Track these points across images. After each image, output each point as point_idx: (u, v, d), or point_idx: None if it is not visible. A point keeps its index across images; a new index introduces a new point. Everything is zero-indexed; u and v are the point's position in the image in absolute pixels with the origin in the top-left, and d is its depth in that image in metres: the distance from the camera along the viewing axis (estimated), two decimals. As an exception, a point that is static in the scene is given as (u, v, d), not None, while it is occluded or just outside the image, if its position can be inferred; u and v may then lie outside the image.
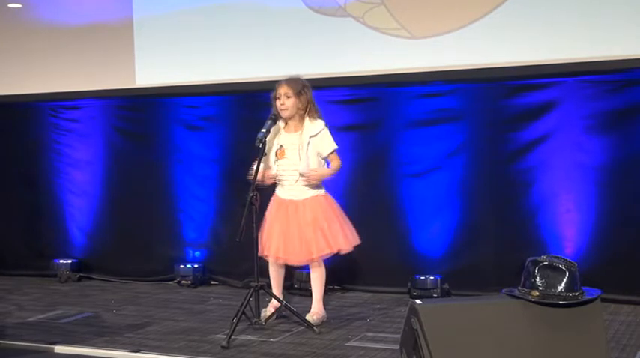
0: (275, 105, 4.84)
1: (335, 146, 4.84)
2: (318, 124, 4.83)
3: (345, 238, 4.84)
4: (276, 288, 4.95)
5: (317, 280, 4.89)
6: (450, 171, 5.60)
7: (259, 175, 4.72)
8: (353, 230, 4.91)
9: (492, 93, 5.48)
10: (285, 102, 4.80)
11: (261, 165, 4.73)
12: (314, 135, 4.79)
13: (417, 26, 5.42)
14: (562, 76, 5.21)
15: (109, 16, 6.34)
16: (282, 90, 4.81)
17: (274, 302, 4.91)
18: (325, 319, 4.90)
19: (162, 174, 6.47)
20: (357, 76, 5.60)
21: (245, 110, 6.07)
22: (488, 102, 5.50)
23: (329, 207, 4.85)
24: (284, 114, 4.83)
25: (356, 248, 5.78)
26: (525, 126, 5.39)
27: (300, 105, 4.81)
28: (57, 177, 6.84)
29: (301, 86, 4.82)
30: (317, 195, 4.83)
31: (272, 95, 4.87)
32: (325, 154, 4.83)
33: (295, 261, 4.87)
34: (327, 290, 5.81)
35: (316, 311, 4.87)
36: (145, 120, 6.58)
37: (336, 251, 4.83)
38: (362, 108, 5.85)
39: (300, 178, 4.78)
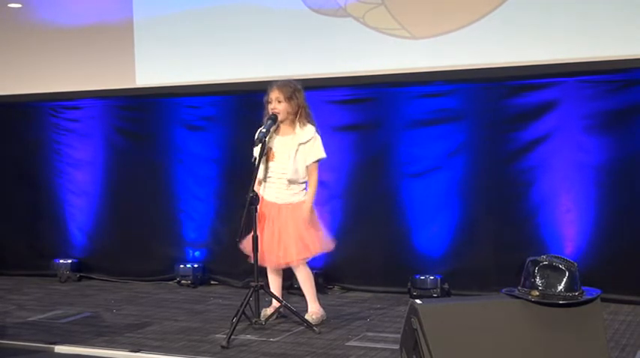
0: (267, 108, 4.87)
1: (321, 155, 4.83)
2: (308, 131, 4.82)
3: (320, 243, 4.87)
4: (275, 292, 4.95)
5: (305, 281, 4.90)
6: (450, 171, 5.60)
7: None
8: (326, 235, 4.95)
9: (492, 94, 5.48)
10: (277, 106, 4.81)
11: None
12: (303, 143, 4.80)
13: (417, 26, 5.42)
14: (562, 76, 5.21)
15: (109, 17, 6.34)
16: (274, 94, 4.83)
17: (275, 303, 4.92)
18: (325, 318, 4.90)
19: (163, 174, 6.47)
20: (357, 76, 5.60)
21: (245, 110, 6.07)
22: (489, 102, 5.49)
23: (302, 217, 4.84)
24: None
25: (356, 247, 5.80)
26: (525, 126, 5.39)
27: (290, 110, 4.82)
28: (57, 177, 6.84)
29: (292, 90, 4.82)
30: (300, 202, 4.84)
31: (265, 99, 4.88)
32: (309, 163, 4.81)
33: (274, 264, 4.86)
34: (327, 290, 5.84)
35: (314, 310, 4.87)
36: (145, 120, 6.58)
37: (312, 255, 4.87)
38: (362, 108, 5.85)
39: (288, 184, 4.81)
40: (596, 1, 5.02)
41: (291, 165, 4.78)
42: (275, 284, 4.97)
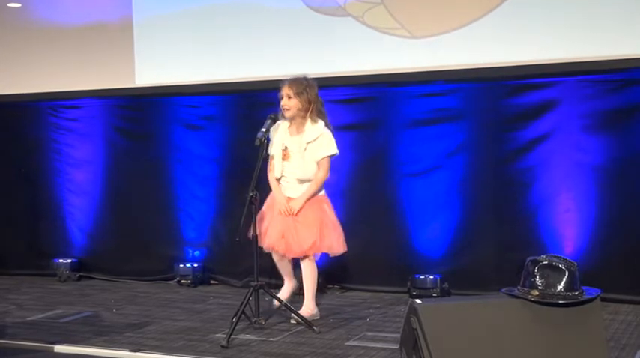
0: (280, 105, 4.89)
1: (330, 152, 4.83)
2: (317, 128, 4.82)
3: (334, 243, 4.89)
4: (287, 276, 4.97)
5: (308, 277, 4.90)
6: (450, 170, 5.60)
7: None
8: (342, 237, 4.95)
9: (492, 93, 5.48)
10: (287, 103, 4.82)
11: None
12: (310, 141, 4.81)
13: (417, 26, 5.42)
14: (562, 75, 5.21)
15: (109, 16, 6.34)
16: (284, 91, 4.84)
17: (286, 290, 4.96)
18: (317, 317, 4.90)
19: (162, 174, 6.47)
20: (356, 76, 5.60)
21: (245, 109, 6.07)
22: (488, 101, 5.50)
23: (324, 210, 4.89)
24: (286, 114, 4.87)
25: (355, 247, 5.79)
26: (525, 126, 5.39)
27: (300, 106, 4.81)
28: (57, 177, 6.84)
29: (303, 86, 4.81)
30: (315, 198, 4.85)
31: (278, 95, 4.90)
32: (317, 159, 4.82)
33: (288, 253, 4.89)
34: (327, 290, 5.84)
35: (309, 308, 4.87)
36: (144, 119, 6.57)
37: (323, 251, 4.91)
38: (362, 108, 5.85)
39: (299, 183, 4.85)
40: (596, 1, 5.02)
41: (300, 164, 4.81)
42: (281, 265, 4.98)
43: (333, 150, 4.84)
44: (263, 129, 4.76)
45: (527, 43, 5.15)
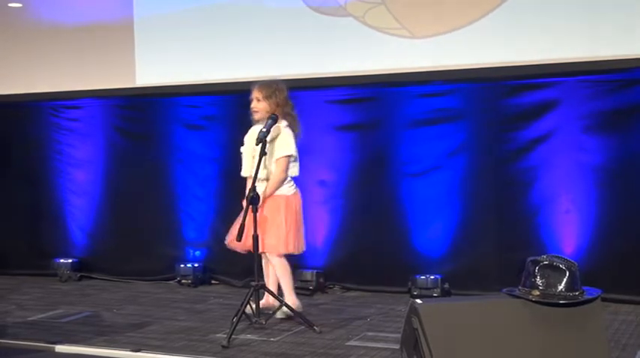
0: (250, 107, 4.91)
1: (286, 152, 4.80)
2: (276, 129, 4.81)
3: (275, 241, 4.82)
4: (271, 285, 4.95)
5: (280, 273, 4.87)
6: (450, 170, 5.61)
7: None
8: (301, 237, 4.91)
9: (492, 93, 5.48)
10: (257, 105, 4.87)
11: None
12: (269, 142, 4.79)
13: (418, 26, 5.42)
14: (562, 75, 5.22)
15: (109, 16, 6.35)
16: (254, 94, 4.89)
17: (269, 299, 4.93)
18: (300, 309, 4.87)
19: (163, 174, 6.48)
20: (357, 76, 5.60)
21: (245, 109, 6.00)
22: (489, 101, 5.50)
23: (285, 209, 4.83)
24: (255, 116, 4.90)
25: (356, 247, 5.81)
26: (525, 126, 5.39)
27: (269, 109, 4.84)
28: (58, 177, 6.84)
29: (273, 90, 4.84)
30: (278, 196, 4.82)
31: (249, 97, 4.92)
32: (274, 159, 4.82)
33: (245, 249, 4.85)
34: (327, 290, 5.84)
35: (293, 301, 4.85)
36: (145, 119, 6.58)
37: (281, 252, 4.84)
38: (362, 108, 5.85)
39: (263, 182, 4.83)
40: (596, 1, 5.02)
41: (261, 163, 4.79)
42: (267, 270, 4.97)
43: (290, 151, 4.82)
44: (264, 129, 4.75)
45: (527, 43, 5.15)
